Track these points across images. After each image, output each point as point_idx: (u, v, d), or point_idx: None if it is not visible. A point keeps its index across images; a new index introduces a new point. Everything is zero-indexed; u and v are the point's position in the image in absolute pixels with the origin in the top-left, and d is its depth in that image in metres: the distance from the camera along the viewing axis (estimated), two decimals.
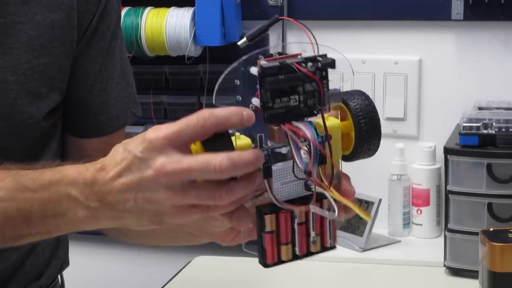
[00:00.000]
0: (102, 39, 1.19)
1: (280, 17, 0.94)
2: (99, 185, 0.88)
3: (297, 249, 0.87)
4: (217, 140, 0.84)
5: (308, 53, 0.90)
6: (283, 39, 1.98)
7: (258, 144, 0.85)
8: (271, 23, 1.02)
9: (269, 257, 0.86)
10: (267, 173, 0.85)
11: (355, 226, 1.82)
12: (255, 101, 0.84)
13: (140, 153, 0.84)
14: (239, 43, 1.01)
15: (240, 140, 0.86)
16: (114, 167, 0.86)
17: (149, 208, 0.85)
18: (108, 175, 0.87)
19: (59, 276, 1.31)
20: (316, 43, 0.93)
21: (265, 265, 0.87)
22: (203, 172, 0.82)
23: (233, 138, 0.85)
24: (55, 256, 1.26)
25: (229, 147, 0.84)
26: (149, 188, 0.84)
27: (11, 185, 0.94)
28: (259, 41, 2.01)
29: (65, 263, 1.30)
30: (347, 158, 0.91)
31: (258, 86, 0.85)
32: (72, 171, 0.91)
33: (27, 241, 0.97)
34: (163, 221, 0.86)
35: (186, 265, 1.73)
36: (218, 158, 0.81)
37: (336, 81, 0.96)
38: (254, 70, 0.85)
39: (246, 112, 0.84)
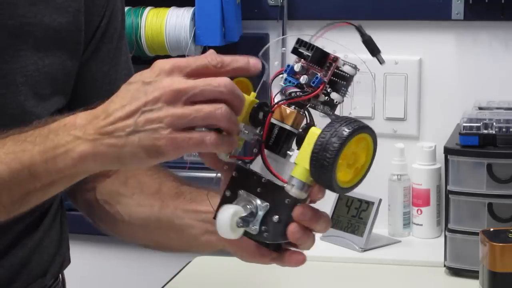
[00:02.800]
0: (110, 40, 1.21)
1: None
2: (99, 120, 0.89)
3: None
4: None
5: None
6: (283, 39, 1.97)
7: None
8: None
9: None
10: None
11: (355, 226, 1.82)
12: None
13: (148, 78, 0.87)
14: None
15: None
16: (120, 99, 0.88)
17: (147, 131, 0.86)
18: (111, 108, 0.88)
19: (60, 275, 1.31)
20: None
21: None
22: (207, 87, 0.86)
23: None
24: (58, 253, 1.27)
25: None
26: (152, 108, 0.86)
27: (11, 143, 0.95)
28: (259, 42, 2.02)
29: (66, 260, 1.30)
30: None
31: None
32: (70, 117, 0.93)
33: (34, 201, 0.97)
34: (158, 151, 0.87)
35: (186, 265, 1.73)
36: (222, 78, 0.87)
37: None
38: (348, 69, 0.93)
39: (252, 59, 0.91)
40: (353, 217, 1.83)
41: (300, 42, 0.92)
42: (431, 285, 1.67)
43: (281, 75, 0.94)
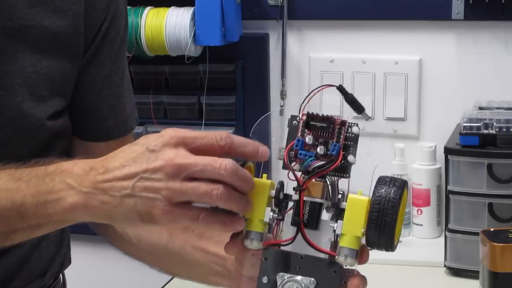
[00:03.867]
0: (112, 44, 1.20)
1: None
2: (96, 174, 0.89)
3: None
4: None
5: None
6: (283, 38, 1.97)
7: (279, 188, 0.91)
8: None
9: None
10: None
11: None
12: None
13: (153, 146, 0.87)
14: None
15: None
16: (121, 158, 0.89)
17: (143, 197, 0.87)
18: (111, 164, 0.89)
19: (61, 275, 1.31)
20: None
21: None
22: (208, 167, 0.86)
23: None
24: (58, 253, 1.27)
25: None
26: (151, 177, 0.87)
27: (6, 179, 0.96)
28: (259, 42, 2.02)
29: (67, 260, 1.30)
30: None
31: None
32: (69, 163, 0.93)
33: (19, 238, 0.97)
34: (152, 218, 0.87)
35: None
36: (225, 160, 0.86)
37: (337, 80, 0.97)
38: (356, 130, 0.93)
39: (262, 147, 0.90)
40: None
41: (310, 115, 0.93)
42: (431, 285, 1.67)
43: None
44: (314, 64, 1.97)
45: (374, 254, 1.79)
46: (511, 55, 1.87)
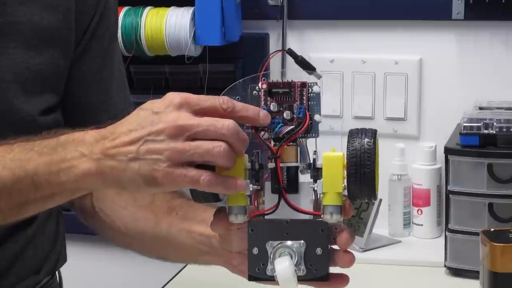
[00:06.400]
0: (101, 40, 1.21)
1: None
2: (106, 141, 0.91)
3: None
4: None
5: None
6: (283, 38, 1.97)
7: (255, 160, 0.93)
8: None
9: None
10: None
11: (355, 226, 1.82)
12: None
13: (157, 109, 0.89)
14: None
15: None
16: (128, 124, 0.90)
17: (147, 160, 0.88)
18: (118, 130, 0.91)
19: (57, 273, 1.31)
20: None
21: None
22: (210, 127, 0.87)
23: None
24: (53, 250, 1.27)
25: None
26: (155, 139, 0.88)
27: (18, 150, 0.97)
28: (259, 42, 2.02)
29: (62, 258, 1.30)
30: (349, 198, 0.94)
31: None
32: (80, 133, 0.95)
33: (31, 210, 0.98)
34: (155, 181, 0.88)
35: (187, 265, 1.72)
36: (227, 120, 0.88)
37: (337, 80, 0.98)
38: (317, 89, 0.95)
39: (263, 112, 0.91)
40: (353, 217, 1.82)
41: (271, 83, 0.95)
42: (432, 285, 1.67)
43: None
44: (314, 64, 1.96)
45: (375, 254, 1.80)
46: (511, 55, 1.87)
